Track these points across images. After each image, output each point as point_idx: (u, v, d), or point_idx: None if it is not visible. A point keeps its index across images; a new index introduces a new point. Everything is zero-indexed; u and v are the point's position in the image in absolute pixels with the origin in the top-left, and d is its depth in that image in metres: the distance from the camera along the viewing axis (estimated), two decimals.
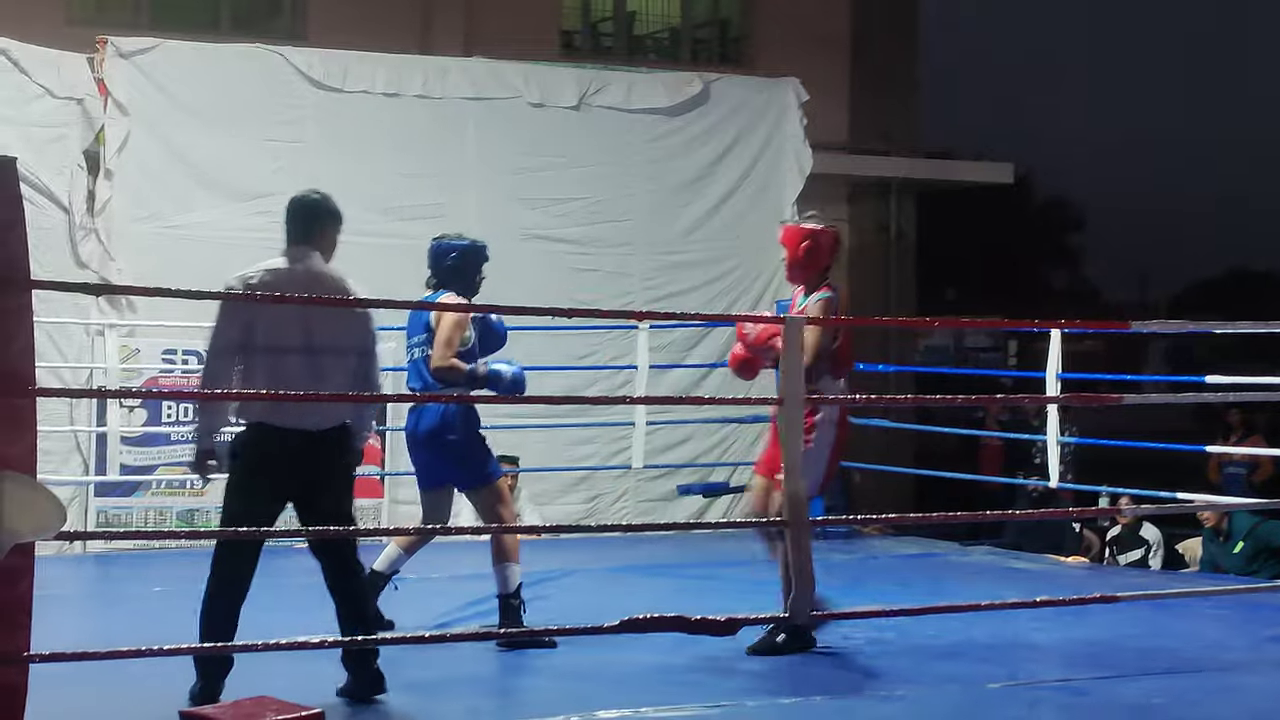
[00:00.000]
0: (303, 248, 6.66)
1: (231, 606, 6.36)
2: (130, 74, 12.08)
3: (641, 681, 6.81)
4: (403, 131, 12.80)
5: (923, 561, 11.33)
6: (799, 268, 7.47)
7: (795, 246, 7.45)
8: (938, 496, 17.14)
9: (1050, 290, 53.77)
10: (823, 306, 7.38)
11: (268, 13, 16.71)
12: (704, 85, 13.92)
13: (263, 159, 12.39)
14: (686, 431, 13.27)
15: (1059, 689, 6.86)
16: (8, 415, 4.91)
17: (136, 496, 11.64)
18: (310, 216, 6.76)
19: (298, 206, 6.81)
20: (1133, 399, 7.35)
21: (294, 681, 6.27)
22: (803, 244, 7.43)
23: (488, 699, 6.72)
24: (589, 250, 13.20)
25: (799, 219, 7.65)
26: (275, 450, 6.33)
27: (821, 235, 7.46)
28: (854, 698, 6.61)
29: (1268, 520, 12.15)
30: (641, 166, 13.63)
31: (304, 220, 6.75)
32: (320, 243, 6.72)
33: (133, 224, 12.03)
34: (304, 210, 6.78)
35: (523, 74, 13.37)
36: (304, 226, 6.73)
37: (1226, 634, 8.18)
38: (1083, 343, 37.09)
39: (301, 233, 6.72)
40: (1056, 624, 8.20)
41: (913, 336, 21.75)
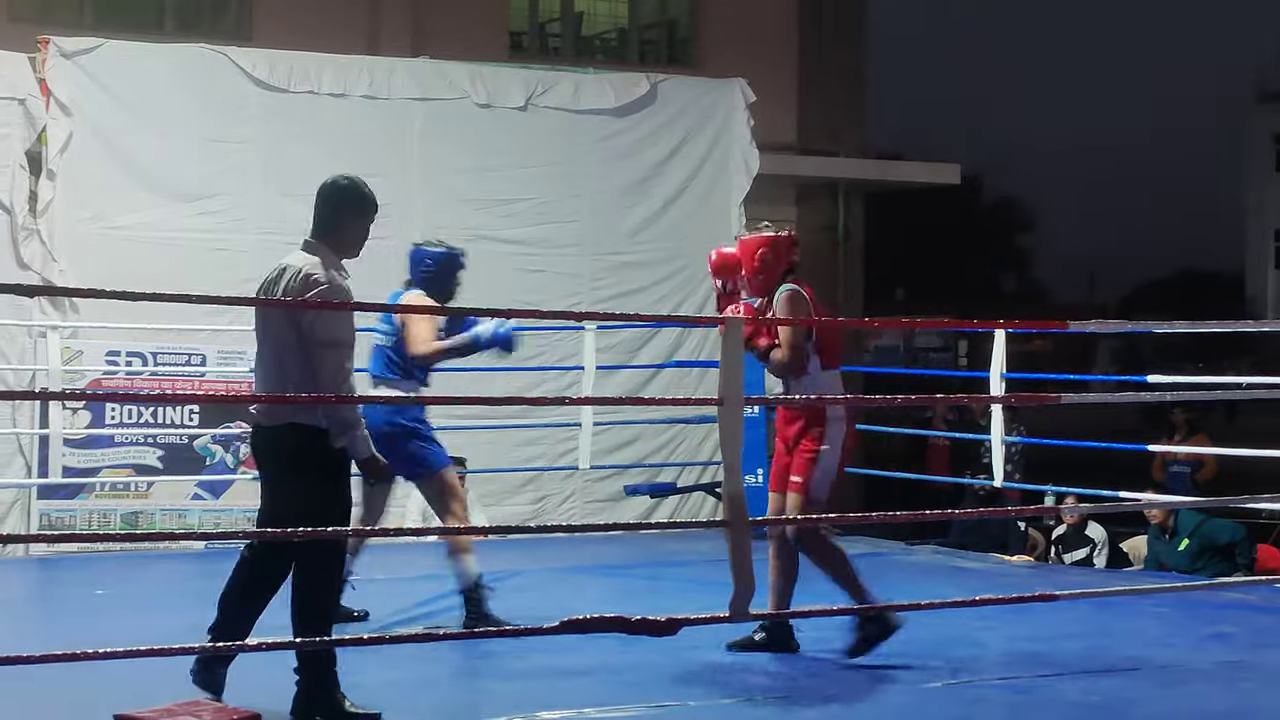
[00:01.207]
0: (311, 240, 6.28)
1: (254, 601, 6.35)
2: (73, 74, 12.01)
3: (584, 682, 6.81)
4: (349, 132, 12.75)
5: (868, 561, 11.25)
6: (759, 276, 7.48)
7: (752, 257, 7.48)
8: (886, 496, 17.19)
9: (999, 291, 54.06)
10: (788, 298, 7.41)
11: (213, 13, 16.63)
12: (651, 86, 13.92)
13: (207, 160, 12.34)
14: (634, 432, 13.27)
15: (1001, 687, 6.89)
16: None
17: (80, 499, 11.57)
18: (329, 204, 6.29)
19: (321, 193, 6.32)
20: (1071, 398, 7.38)
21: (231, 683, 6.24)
22: (759, 252, 7.46)
23: (431, 701, 6.70)
24: (536, 251, 13.18)
25: (750, 229, 7.63)
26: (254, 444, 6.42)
27: (777, 242, 7.49)
28: (796, 697, 6.63)
29: (1212, 519, 12.24)
30: (589, 167, 13.62)
31: (322, 209, 6.29)
32: (339, 233, 6.26)
33: (75, 225, 11.96)
34: (326, 198, 6.30)
35: (470, 74, 13.34)
36: (323, 216, 6.29)
37: (1167, 632, 8.23)
38: (1031, 343, 37.29)
39: (319, 223, 6.29)
40: (999, 623, 8.24)
41: (862, 337, 21.80)
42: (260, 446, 6.37)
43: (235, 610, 6.32)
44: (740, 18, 17.73)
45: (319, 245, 6.24)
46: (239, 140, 12.47)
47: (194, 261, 12.03)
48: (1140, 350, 43.74)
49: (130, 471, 11.71)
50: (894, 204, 26.48)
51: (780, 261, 7.46)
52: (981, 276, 52.25)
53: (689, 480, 13.43)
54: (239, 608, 6.33)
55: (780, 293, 7.42)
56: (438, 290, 8.28)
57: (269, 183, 12.48)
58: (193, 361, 11.92)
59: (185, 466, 11.85)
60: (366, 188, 6.32)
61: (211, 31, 15.66)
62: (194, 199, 12.30)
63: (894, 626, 7.15)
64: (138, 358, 11.82)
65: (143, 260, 11.75)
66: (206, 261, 12.13)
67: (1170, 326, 7.97)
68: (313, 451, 6.11)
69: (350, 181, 6.34)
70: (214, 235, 12.33)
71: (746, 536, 5.93)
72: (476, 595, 7.95)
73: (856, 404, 8.31)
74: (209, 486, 11.93)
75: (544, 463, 13.04)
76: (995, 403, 11.29)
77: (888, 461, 15.53)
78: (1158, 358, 37.02)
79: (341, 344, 6.09)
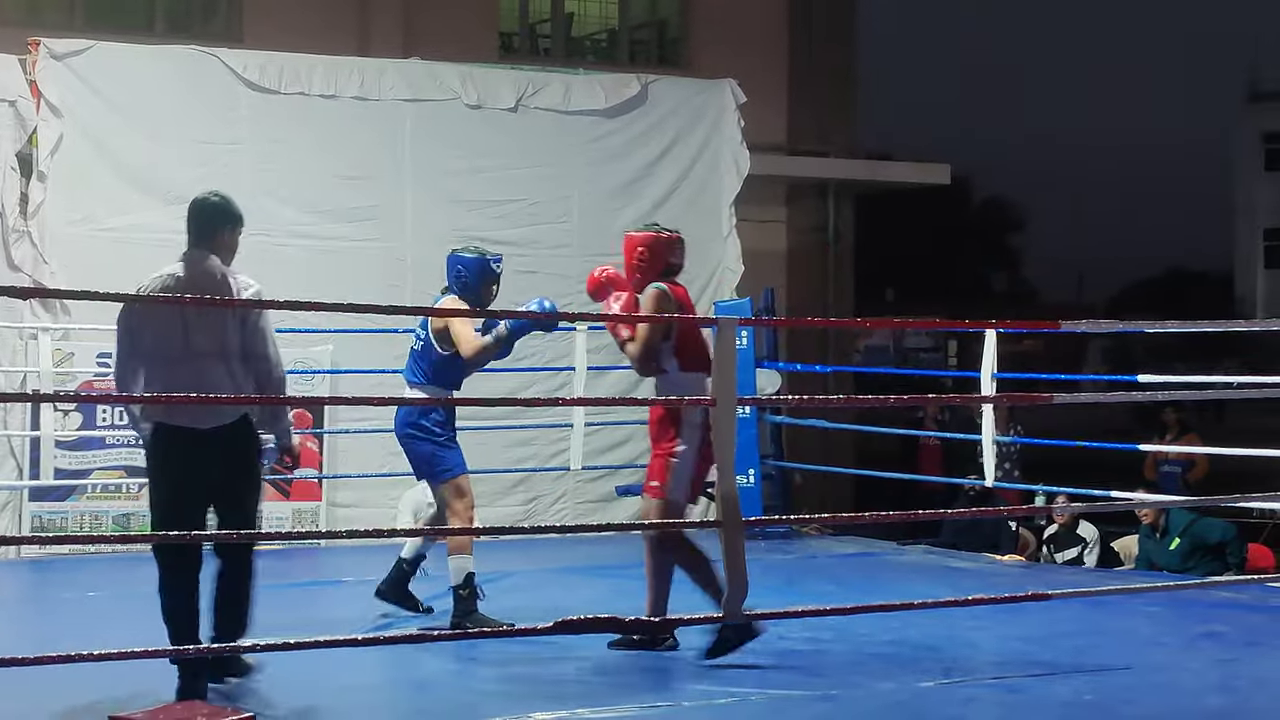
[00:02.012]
0: (199, 250, 6.71)
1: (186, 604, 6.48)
2: (63, 76, 11.99)
3: (577, 682, 6.82)
4: (339, 133, 12.75)
5: (860, 561, 11.37)
6: (635, 274, 7.60)
7: (630, 254, 7.62)
8: (878, 497, 17.21)
9: (990, 291, 54.15)
10: (653, 297, 7.49)
11: (203, 14, 16.62)
12: (642, 86, 13.91)
13: (198, 161, 12.31)
14: (625, 433, 13.26)
15: (993, 687, 6.91)
16: None
17: (71, 501, 11.56)
18: (206, 219, 6.78)
19: (195, 209, 6.83)
20: (1063, 398, 7.39)
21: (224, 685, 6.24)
22: (637, 250, 7.60)
23: (424, 702, 6.70)
24: (526, 252, 13.16)
25: (642, 228, 7.70)
26: (174, 450, 6.47)
27: (656, 241, 7.59)
28: (790, 697, 6.63)
29: (1203, 518, 12.25)
30: (579, 168, 13.62)
31: (201, 223, 6.78)
32: (217, 244, 6.74)
33: (66, 227, 11.94)
34: (201, 213, 6.81)
35: (460, 75, 13.33)
36: (201, 229, 6.76)
37: (1159, 631, 8.25)
38: (1022, 343, 37.35)
39: (198, 235, 6.76)
40: (992, 622, 8.26)
41: (852, 337, 21.84)
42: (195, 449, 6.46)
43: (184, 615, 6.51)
44: (730, 18, 17.74)
45: (210, 254, 6.68)
46: (230, 141, 12.46)
47: None
48: (1131, 350, 43.79)
49: (122, 473, 11.69)
50: (884, 204, 26.50)
51: (657, 261, 7.57)
52: (971, 276, 52.33)
53: None
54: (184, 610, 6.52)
55: (647, 290, 7.51)
56: (472, 296, 8.36)
57: (260, 184, 12.46)
58: None
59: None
60: (236, 205, 6.89)
61: (202, 33, 15.65)
62: (185, 201, 12.03)
63: (755, 633, 7.12)
64: None
65: (134, 262, 11.58)
66: None
67: (1162, 326, 8.00)
68: (256, 443, 6.67)
69: (221, 198, 6.89)
70: None
71: (740, 537, 5.95)
72: (468, 593, 8.04)
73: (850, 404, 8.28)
74: None
75: (536, 463, 13.04)
76: (987, 403, 11.31)
77: (880, 462, 15.52)
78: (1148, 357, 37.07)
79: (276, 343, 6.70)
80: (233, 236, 6.82)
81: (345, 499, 12.45)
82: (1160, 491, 14.11)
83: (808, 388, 15.86)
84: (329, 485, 12.37)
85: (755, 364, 12.63)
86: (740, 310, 12.53)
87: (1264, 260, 55.95)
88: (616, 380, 13.33)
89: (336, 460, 12.47)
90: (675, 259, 7.63)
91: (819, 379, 16.62)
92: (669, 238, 7.63)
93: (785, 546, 11.84)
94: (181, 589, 6.51)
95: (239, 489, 6.62)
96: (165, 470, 6.52)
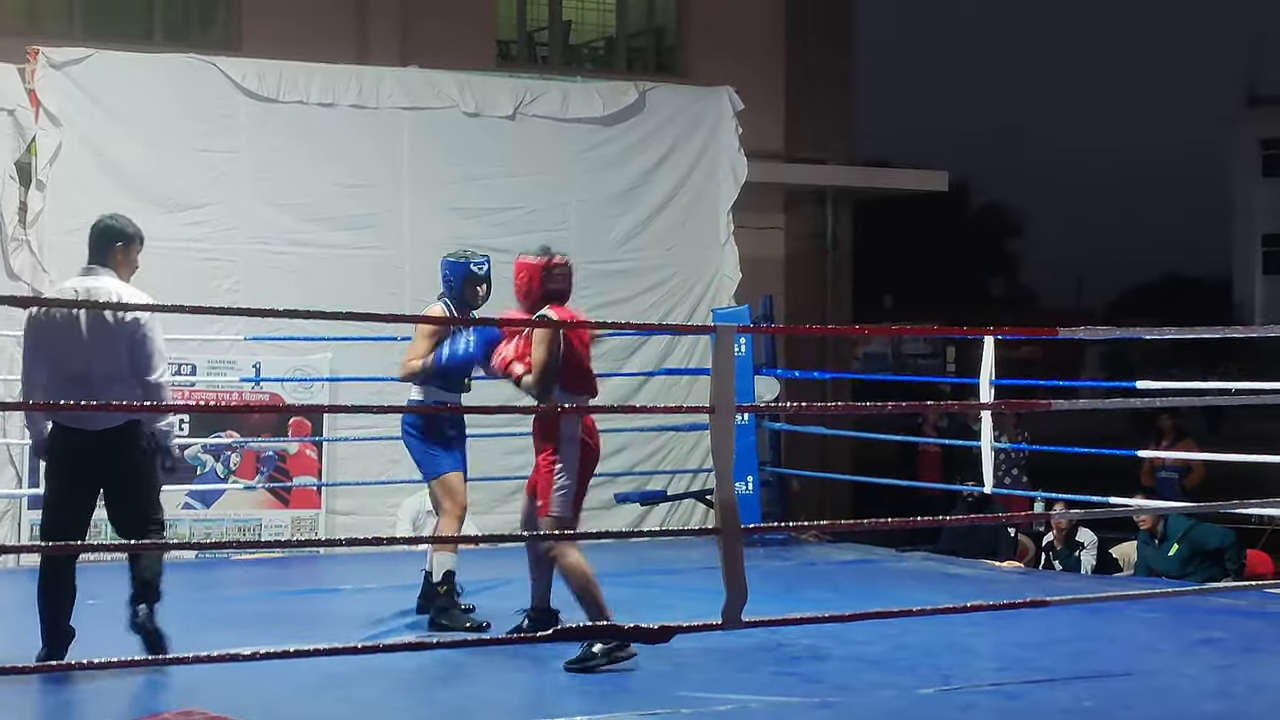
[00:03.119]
0: (94, 266, 7.40)
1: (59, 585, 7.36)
2: (62, 84, 12.00)
3: (575, 690, 6.83)
4: (337, 141, 12.76)
5: (858, 567, 11.38)
6: (521, 301, 7.70)
7: (516, 278, 7.74)
8: (877, 503, 17.21)
9: (988, 296, 54.14)
10: (541, 333, 7.53)
11: (201, 23, 16.64)
12: (639, 94, 13.93)
13: (196, 170, 12.34)
14: (623, 440, 13.26)
15: (991, 693, 6.92)
16: None
17: None
18: (100, 239, 7.49)
19: (92, 230, 7.54)
20: (1061, 404, 7.42)
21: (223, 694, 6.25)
22: (521, 276, 7.70)
23: (422, 709, 6.71)
24: None
25: (535, 254, 7.70)
26: (69, 448, 7.18)
27: (533, 268, 7.63)
28: (789, 704, 6.64)
29: (1201, 524, 12.25)
30: (577, 176, 13.63)
31: (95, 243, 7.49)
32: (112, 261, 7.42)
33: (65, 235, 11.91)
34: (96, 234, 7.51)
35: (458, 84, 13.34)
36: (94, 247, 7.47)
37: (1157, 637, 8.26)
38: (1020, 349, 37.32)
39: (92, 253, 7.46)
40: (990, 629, 8.27)
41: (850, 344, 21.83)
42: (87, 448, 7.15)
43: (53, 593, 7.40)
44: (727, 26, 17.76)
45: (99, 270, 7.37)
46: (228, 150, 12.48)
47: (184, 271, 12.02)
48: (1129, 356, 43.81)
49: None
50: (882, 210, 26.50)
51: (535, 286, 7.63)
52: (969, 282, 52.34)
53: (679, 488, 13.45)
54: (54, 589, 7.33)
55: (536, 333, 7.58)
56: (457, 300, 8.64)
57: (258, 192, 12.50)
58: (183, 371, 11.90)
59: (176, 476, 11.82)
60: (132, 225, 7.59)
61: (200, 41, 15.68)
62: (183, 209, 12.30)
63: (628, 655, 7.07)
64: None
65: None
66: (196, 271, 12.13)
67: (1160, 333, 8.04)
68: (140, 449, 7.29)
69: (114, 219, 7.62)
70: (204, 245, 12.34)
71: (738, 543, 5.95)
72: (446, 590, 8.33)
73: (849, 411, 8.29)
74: (199, 496, 11.93)
75: None
76: (985, 409, 11.31)
77: (878, 468, 15.54)
78: (1146, 363, 37.09)
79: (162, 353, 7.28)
80: (126, 253, 7.47)
81: (344, 506, 12.44)
82: (1157, 497, 14.13)
83: (806, 394, 15.87)
84: (328, 493, 12.37)
85: (754, 371, 12.63)
86: (738, 317, 12.54)
87: (1262, 266, 55.96)
88: (615, 387, 13.33)
89: (335, 468, 12.47)
90: (555, 284, 7.67)
91: (817, 386, 16.63)
92: (552, 263, 7.66)
93: (784, 553, 11.84)
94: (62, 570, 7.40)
95: (128, 486, 7.31)
96: (56, 467, 7.27)
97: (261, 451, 12.12)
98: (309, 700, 6.63)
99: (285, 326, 11.77)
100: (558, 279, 7.67)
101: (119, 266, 7.44)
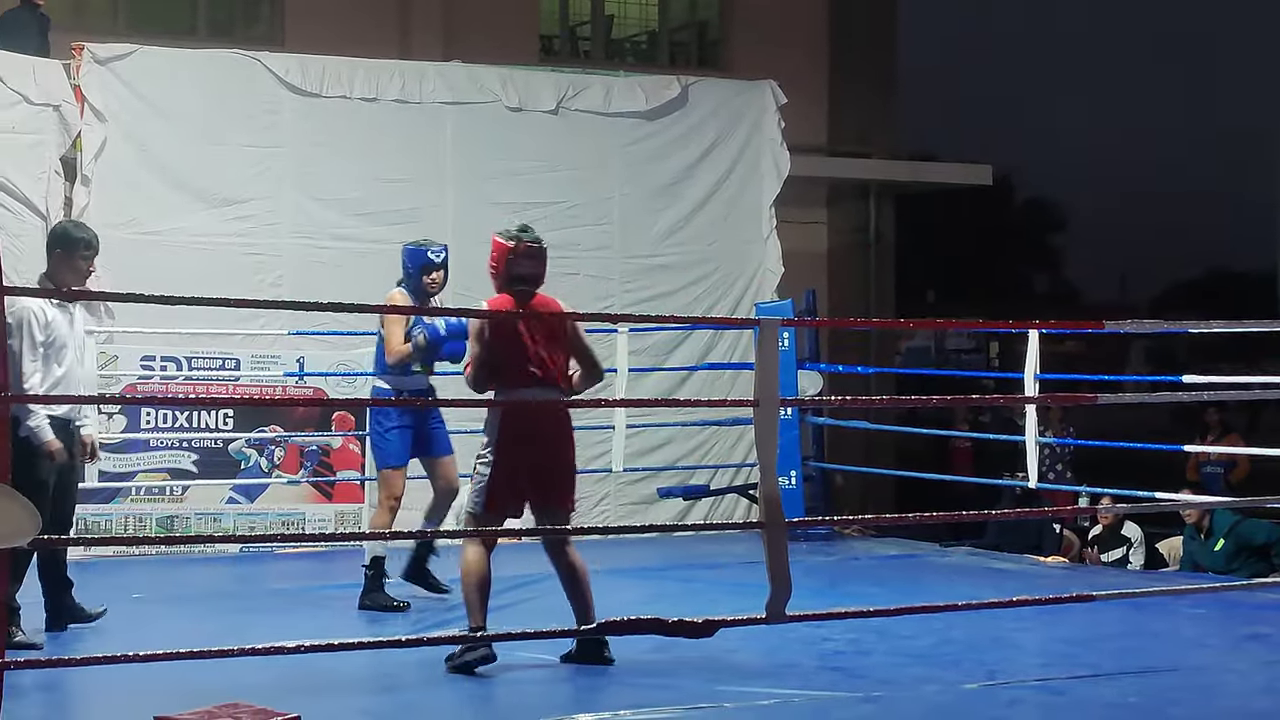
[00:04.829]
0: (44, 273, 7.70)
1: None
2: (107, 80, 12.05)
3: (620, 684, 6.82)
4: (380, 136, 12.79)
5: (902, 562, 11.34)
6: (491, 275, 7.44)
7: (490, 255, 7.46)
8: (919, 498, 17.16)
9: (1031, 291, 53.88)
10: (473, 323, 7.46)
11: (245, 18, 16.70)
12: (682, 88, 13.91)
13: (240, 165, 12.38)
14: (666, 434, 13.27)
15: (1037, 688, 6.87)
16: None
17: (115, 503, 11.60)
18: (48, 245, 7.79)
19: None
20: (1108, 399, 7.35)
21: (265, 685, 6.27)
22: (491, 255, 7.42)
23: (470, 703, 6.71)
24: (568, 254, 13.14)
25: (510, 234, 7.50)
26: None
27: (503, 250, 7.34)
28: (833, 698, 6.62)
29: (1248, 519, 12.17)
30: (620, 170, 13.63)
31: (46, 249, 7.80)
32: (52, 267, 7.63)
33: (110, 230, 11.88)
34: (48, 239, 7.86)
35: (501, 78, 13.36)
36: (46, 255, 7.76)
37: (1204, 632, 8.21)
38: (1064, 344, 37.14)
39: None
40: (1035, 624, 8.23)
41: (893, 338, 21.78)
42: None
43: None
44: (770, 19, 17.73)
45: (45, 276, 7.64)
46: (271, 145, 12.51)
47: (227, 266, 12.08)
48: (1173, 350, 43.53)
49: (165, 476, 11.74)
50: (925, 205, 26.42)
51: (501, 268, 7.35)
52: (1012, 277, 52.07)
53: (722, 482, 13.43)
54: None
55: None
56: (413, 288, 8.83)
57: (301, 187, 12.53)
58: (227, 365, 11.95)
59: (220, 470, 11.89)
60: (79, 230, 7.79)
61: (244, 37, 15.74)
62: (227, 204, 12.35)
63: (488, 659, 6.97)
64: (172, 362, 11.85)
65: (177, 265, 11.79)
66: (240, 266, 12.19)
67: (1206, 327, 7.94)
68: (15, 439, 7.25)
69: (60, 225, 7.99)
70: (247, 240, 12.38)
71: (783, 538, 5.93)
72: (374, 574, 8.67)
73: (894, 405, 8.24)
74: (243, 490, 11.96)
75: (577, 465, 12.97)
76: (1031, 403, 11.25)
77: (920, 463, 15.48)
78: (1192, 357, 36.85)
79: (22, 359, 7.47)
80: (66, 260, 7.60)
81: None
82: (1203, 492, 14.04)
83: (849, 389, 15.84)
84: (371, 487, 12.37)
85: (797, 365, 12.61)
86: (782, 311, 12.51)
87: None
88: (658, 381, 13.34)
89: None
90: (521, 269, 7.32)
91: (860, 380, 16.59)
92: (520, 247, 7.34)
93: (827, 548, 11.82)
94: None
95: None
96: None
97: (305, 446, 12.15)
98: (354, 693, 6.64)
99: (329, 321, 11.79)
100: (524, 263, 7.33)
101: (58, 272, 7.59)
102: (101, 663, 5.58)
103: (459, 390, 7.67)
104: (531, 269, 7.35)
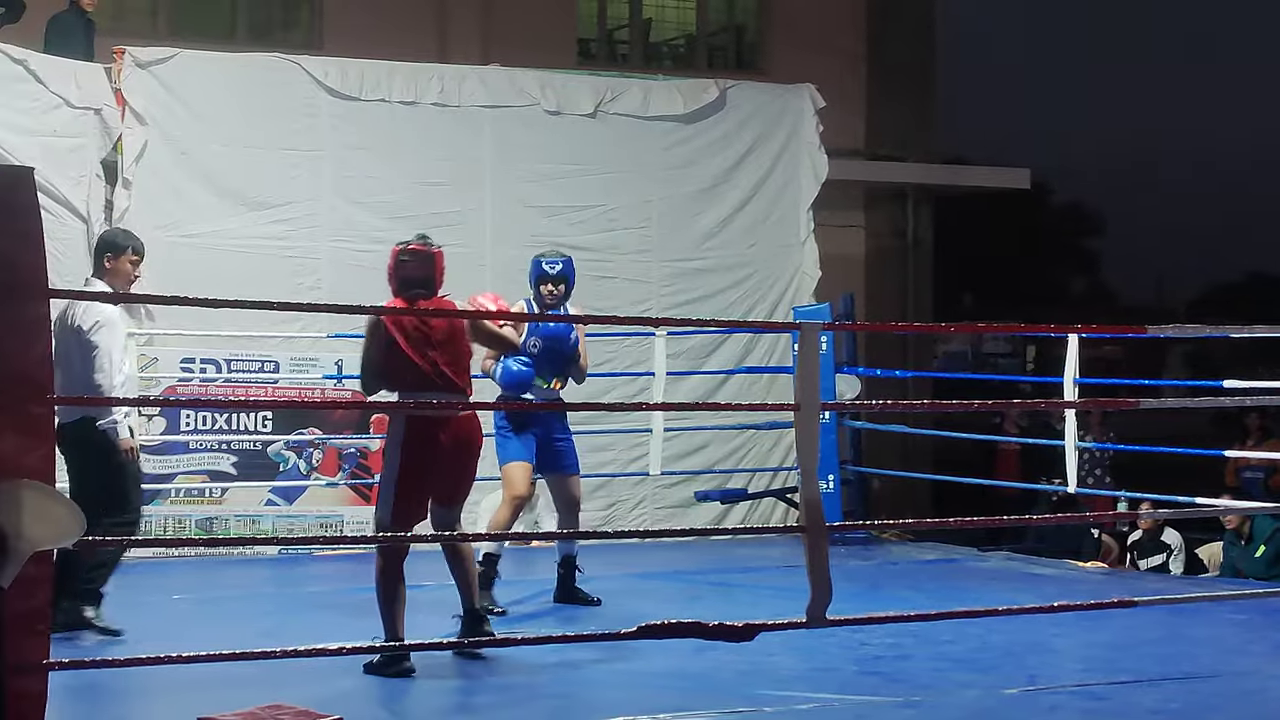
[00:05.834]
0: (91, 278, 8.09)
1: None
2: (148, 84, 12.10)
3: (659, 688, 6.82)
4: (419, 139, 12.81)
5: (941, 567, 11.32)
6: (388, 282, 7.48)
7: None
8: (957, 502, 17.10)
9: (1068, 295, 53.67)
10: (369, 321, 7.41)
11: (285, 22, 16.76)
12: (720, 92, 13.90)
13: (280, 168, 12.41)
14: (704, 438, 13.26)
15: (1077, 694, 6.85)
16: (26, 423, 4.92)
17: (155, 505, 11.63)
18: (95, 252, 8.20)
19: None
20: (1149, 403, 7.32)
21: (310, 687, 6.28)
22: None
23: (508, 706, 6.71)
24: (606, 257, 13.18)
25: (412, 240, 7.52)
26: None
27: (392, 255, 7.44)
28: (873, 703, 6.61)
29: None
30: (658, 173, 13.62)
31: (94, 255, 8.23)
32: (102, 271, 7.98)
33: (150, 233, 11.92)
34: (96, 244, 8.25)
35: (539, 82, 13.37)
36: (94, 260, 8.20)
37: (1246, 639, 8.16)
38: (1102, 348, 37.02)
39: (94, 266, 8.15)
40: (1075, 629, 8.20)
41: (931, 342, 21.71)
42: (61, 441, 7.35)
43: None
44: (808, 23, 17.72)
45: (100, 281, 7.95)
46: (311, 148, 12.54)
47: (267, 269, 12.11)
48: (1213, 355, 43.35)
49: (205, 478, 11.80)
50: (963, 209, 26.34)
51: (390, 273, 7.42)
52: (1049, 281, 51.89)
53: (759, 486, 13.42)
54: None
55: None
56: (535, 298, 9.00)
57: (340, 190, 12.56)
58: (266, 368, 11.99)
59: (259, 473, 11.94)
60: (124, 237, 8.18)
61: (283, 40, 15.81)
62: (267, 207, 12.38)
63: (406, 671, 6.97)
64: (212, 364, 11.90)
65: (216, 268, 11.84)
66: (279, 269, 12.22)
67: (1250, 331, 7.91)
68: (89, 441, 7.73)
69: (107, 233, 8.43)
70: (287, 243, 12.42)
71: (824, 542, 5.92)
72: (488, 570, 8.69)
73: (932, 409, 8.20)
74: (282, 492, 12.01)
75: (614, 468, 13.03)
76: (1071, 408, 11.20)
77: (958, 467, 15.44)
78: (1230, 362, 36.70)
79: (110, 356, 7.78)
80: (116, 263, 7.95)
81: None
82: (1243, 497, 13.98)
83: (887, 393, 15.81)
84: None
85: (835, 369, 12.59)
86: (819, 315, 12.50)
87: None
88: (696, 385, 13.33)
89: None
90: (405, 272, 7.36)
91: (898, 384, 16.56)
92: (403, 251, 7.40)
93: (865, 552, 11.80)
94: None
95: (78, 479, 7.77)
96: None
97: (344, 449, 12.19)
98: (394, 694, 6.66)
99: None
100: (408, 267, 7.36)
101: (109, 276, 7.91)
102: (144, 664, 5.60)
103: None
104: (417, 271, 7.39)
